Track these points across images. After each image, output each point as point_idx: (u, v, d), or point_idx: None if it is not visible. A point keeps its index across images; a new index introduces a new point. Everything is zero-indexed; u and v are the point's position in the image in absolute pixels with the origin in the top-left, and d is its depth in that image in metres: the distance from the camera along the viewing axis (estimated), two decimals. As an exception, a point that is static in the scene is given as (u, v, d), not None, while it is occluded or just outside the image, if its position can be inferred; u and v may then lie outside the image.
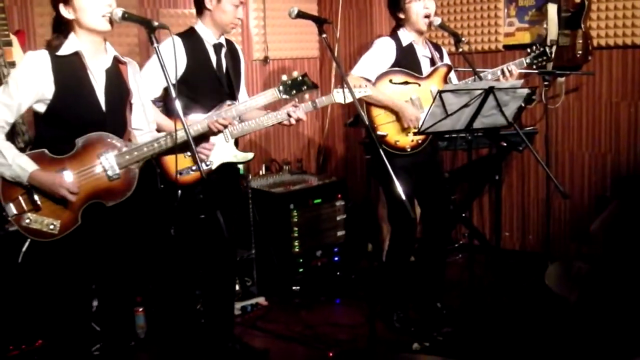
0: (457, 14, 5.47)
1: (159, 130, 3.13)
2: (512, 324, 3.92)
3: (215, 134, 3.14)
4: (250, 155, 3.69)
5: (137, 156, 2.79)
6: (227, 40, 3.67)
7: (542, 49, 4.05)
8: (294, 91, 3.30)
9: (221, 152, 3.51)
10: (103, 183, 2.74)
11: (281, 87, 3.33)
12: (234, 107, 3.32)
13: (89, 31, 2.71)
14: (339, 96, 3.53)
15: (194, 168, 3.35)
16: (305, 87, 3.30)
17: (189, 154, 3.33)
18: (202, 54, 3.52)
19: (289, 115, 3.38)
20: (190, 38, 3.50)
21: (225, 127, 3.12)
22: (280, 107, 3.48)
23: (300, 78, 3.30)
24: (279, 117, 3.40)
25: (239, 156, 3.61)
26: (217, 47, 3.58)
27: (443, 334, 3.90)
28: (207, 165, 3.38)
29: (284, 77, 3.32)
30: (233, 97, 3.59)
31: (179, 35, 3.42)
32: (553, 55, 4.61)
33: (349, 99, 3.47)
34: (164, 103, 3.57)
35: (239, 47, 3.82)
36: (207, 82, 3.51)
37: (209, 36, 3.55)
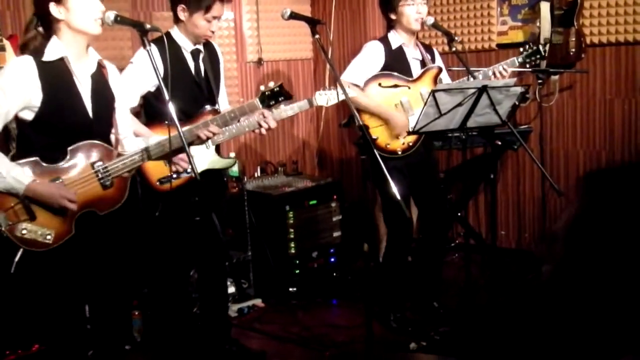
0: (450, 13, 5.47)
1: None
2: (509, 322, 3.91)
3: (201, 142, 3.17)
4: (232, 161, 3.70)
5: (130, 165, 2.79)
6: (206, 43, 3.64)
7: (535, 47, 4.03)
8: (273, 101, 3.33)
9: (202, 159, 3.50)
10: (97, 192, 2.74)
11: (260, 98, 3.34)
12: (218, 118, 3.28)
13: (78, 33, 2.68)
14: (321, 99, 3.56)
15: (174, 176, 3.36)
16: (282, 97, 3.34)
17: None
18: (179, 61, 3.49)
19: (260, 125, 3.40)
20: (166, 45, 3.42)
21: (215, 134, 3.14)
22: None
23: (277, 89, 3.33)
24: (252, 125, 3.42)
25: (221, 162, 3.61)
26: (195, 53, 3.56)
27: (440, 333, 3.90)
28: (187, 173, 3.37)
29: (262, 88, 3.35)
30: (213, 101, 3.58)
31: (154, 42, 3.29)
32: (546, 54, 4.61)
33: (332, 102, 3.54)
34: (144, 110, 3.55)
35: (218, 49, 3.78)
36: (186, 88, 3.49)
37: (185, 43, 3.53)
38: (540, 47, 4.04)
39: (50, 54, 2.67)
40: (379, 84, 3.94)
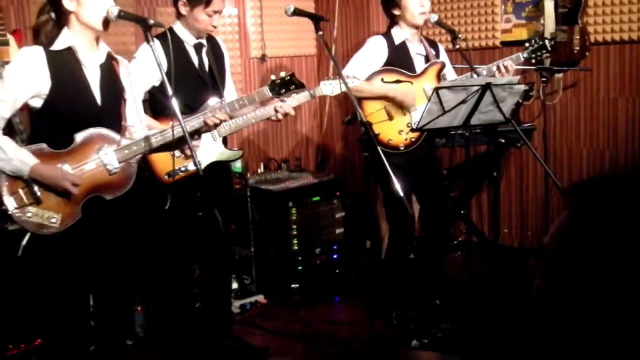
0: (454, 10, 5.46)
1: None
2: (510, 320, 3.91)
3: (209, 129, 3.13)
4: (238, 153, 3.69)
5: (136, 151, 2.82)
6: (209, 37, 3.65)
7: (540, 42, 4.01)
8: (283, 90, 3.32)
9: (209, 151, 3.50)
10: (103, 177, 2.76)
11: (270, 87, 3.33)
12: (227, 105, 3.25)
13: (85, 27, 2.72)
14: (326, 88, 3.53)
15: (182, 168, 3.36)
16: (293, 86, 3.32)
17: (177, 154, 3.32)
18: (182, 55, 3.50)
19: (276, 111, 3.39)
20: (169, 40, 3.40)
21: (222, 121, 3.11)
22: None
23: (288, 77, 3.32)
24: (266, 113, 3.42)
25: (228, 154, 3.60)
26: (198, 47, 3.57)
27: (442, 330, 3.90)
28: (195, 165, 3.36)
29: (273, 77, 3.34)
30: (218, 95, 3.58)
31: (157, 37, 3.25)
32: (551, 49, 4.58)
33: (337, 92, 3.51)
34: (150, 104, 3.56)
35: (222, 43, 3.78)
36: (190, 82, 3.49)
37: (188, 37, 3.54)
38: (546, 42, 4.01)
39: (59, 43, 2.71)
40: (382, 79, 3.92)
